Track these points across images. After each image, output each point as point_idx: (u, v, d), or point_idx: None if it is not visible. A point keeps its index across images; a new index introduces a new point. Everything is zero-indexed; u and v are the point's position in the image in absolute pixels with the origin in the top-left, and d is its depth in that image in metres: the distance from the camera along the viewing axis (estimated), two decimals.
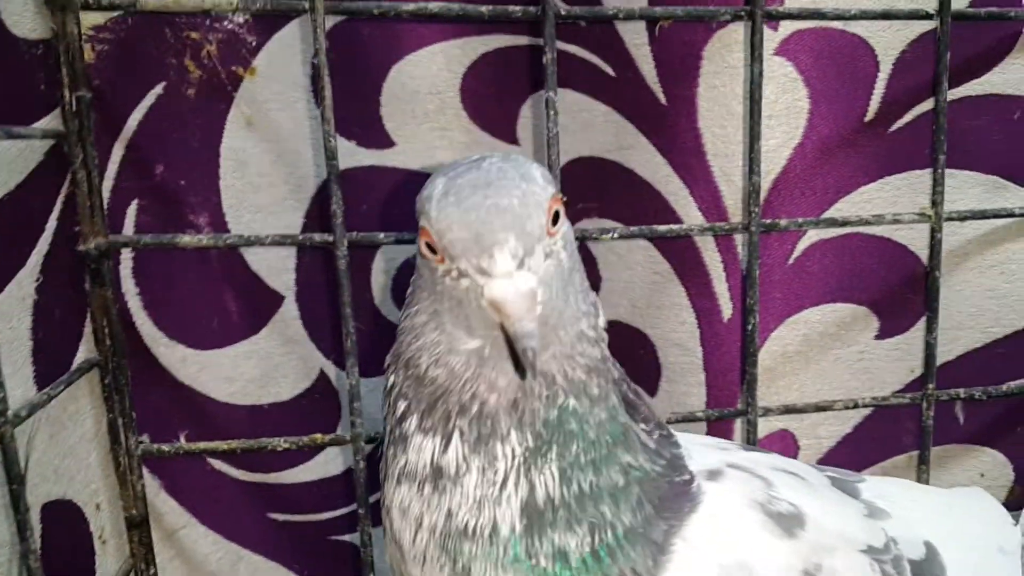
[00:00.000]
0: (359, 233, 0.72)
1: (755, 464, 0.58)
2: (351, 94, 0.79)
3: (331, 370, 0.85)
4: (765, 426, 0.84)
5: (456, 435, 0.47)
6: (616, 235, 0.76)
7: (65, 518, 0.67)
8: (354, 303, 0.73)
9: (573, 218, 0.80)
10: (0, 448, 0.52)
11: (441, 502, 0.47)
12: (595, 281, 0.89)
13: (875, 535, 0.57)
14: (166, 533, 0.78)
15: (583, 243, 0.87)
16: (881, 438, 0.85)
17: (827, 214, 0.80)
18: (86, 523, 0.69)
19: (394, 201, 0.82)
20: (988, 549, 0.63)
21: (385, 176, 0.82)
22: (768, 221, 0.77)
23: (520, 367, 0.44)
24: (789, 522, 0.54)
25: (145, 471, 0.75)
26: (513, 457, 0.46)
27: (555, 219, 0.46)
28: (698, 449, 0.57)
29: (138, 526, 0.72)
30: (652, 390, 0.88)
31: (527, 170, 0.46)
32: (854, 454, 0.85)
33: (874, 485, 0.64)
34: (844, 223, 0.78)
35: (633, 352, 0.89)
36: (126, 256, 0.74)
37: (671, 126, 0.80)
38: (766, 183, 0.80)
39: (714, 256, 0.83)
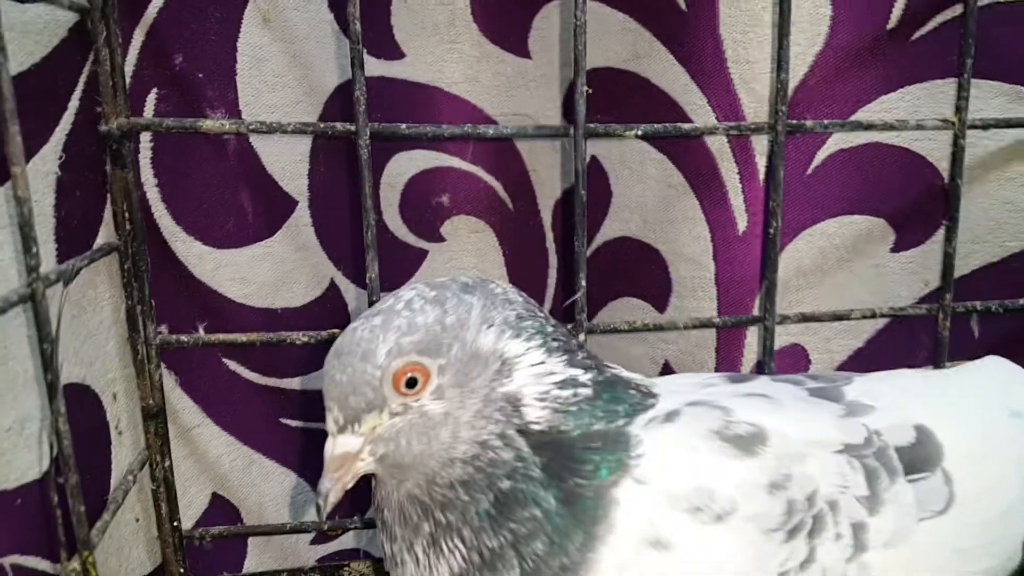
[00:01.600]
0: (381, 124, 0.71)
1: (718, 396, 0.60)
2: (365, 2, 0.79)
3: (342, 281, 0.85)
4: (777, 342, 0.84)
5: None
6: (639, 132, 0.75)
7: (83, 404, 0.66)
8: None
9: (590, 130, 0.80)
10: (32, 307, 0.51)
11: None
12: (606, 197, 0.89)
13: (853, 433, 0.58)
14: (181, 430, 0.78)
15: (595, 160, 0.87)
16: (894, 352, 0.85)
17: None
18: (103, 411, 0.69)
19: (402, 115, 0.80)
20: (996, 415, 0.63)
21: (394, 87, 0.82)
22: (794, 122, 0.77)
23: None
24: (748, 441, 0.56)
25: (162, 367, 0.74)
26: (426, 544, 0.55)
27: (410, 384, 0.53)
28: (671, 395, 0.59)
29: (154, 417, 0.72)
30: (662, 306, 0.88)
31: (370, 348, 0.53)
32: (866, 369, 0.85)
33: (862, 383, 0.65)
34: (868, 127, 0.77)
35: (643, 268, 0.89)
36: (145, 146, 0.73)
37: (691, 34, 0.80)
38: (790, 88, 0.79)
39: (731, 167, 0.82)
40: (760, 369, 0.83)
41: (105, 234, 0.69)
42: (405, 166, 0.85)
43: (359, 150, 0.70)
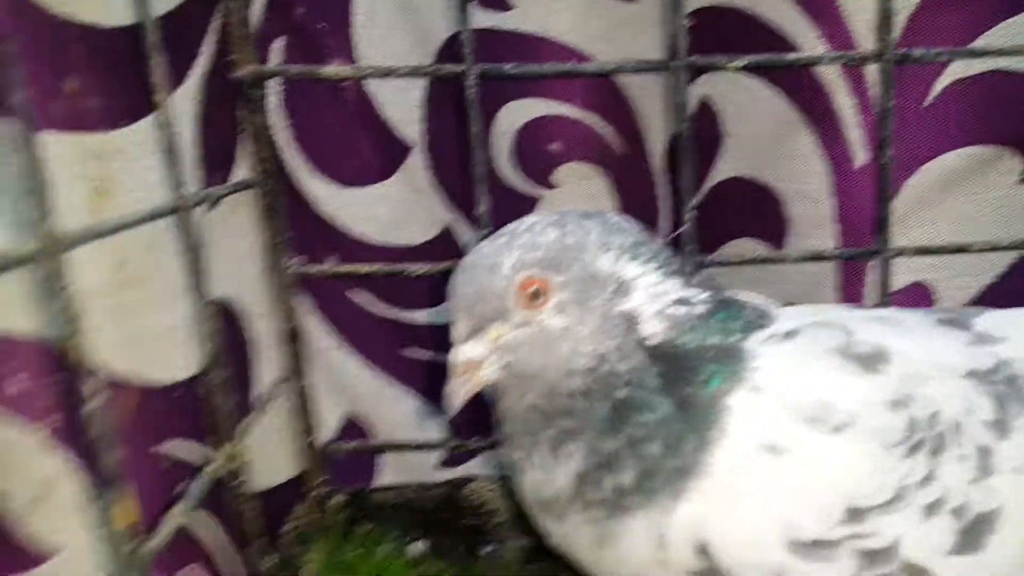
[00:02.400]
0: (487, 64, 0.75)
1: (840, 318, 0.60)
2: None
3: (456, 224, 0.90)
4: (899, 280, 0.82)
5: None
6: (743, 64, 0.75)
7: (229, 319, 0.74)
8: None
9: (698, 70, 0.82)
10: (178, 218, 0.59)
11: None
12: (717, 138, 0.89)
13: (980, 360, 0.57)
14: (317, 352, 0.86)
15: (705, 102, 0.88)
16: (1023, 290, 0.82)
17: None
18: (244, 331, 0.77)
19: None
20: None
21: (502, 38, 0.84)
22: (902, 51, 0.75)
23: None
24: (870, 360, 0.56)
25: (298, 293, 0.82)
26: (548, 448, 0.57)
27: (535, 295, 0.56)
28: (790, 318, 0.60)
29: (292, 340, 0.79)
30: (779, 246, 0.88)
31: (497, 261, 0.57)
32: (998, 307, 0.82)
33: (993, 316, 0.63)
34: (982, 53, 0.75)
35: (758, 208, 0.88)
36: (273, 90, 0.80)
37: None
38: (900, 20, 0.78)
39: (845, 100, 0.81)
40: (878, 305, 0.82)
41: (242, 171, 0.76)
42: (516, 115, 0.88)
43: (467, 90, 0.74)
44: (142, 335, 0.62)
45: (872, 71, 0.79)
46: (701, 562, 0.52)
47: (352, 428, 0.89)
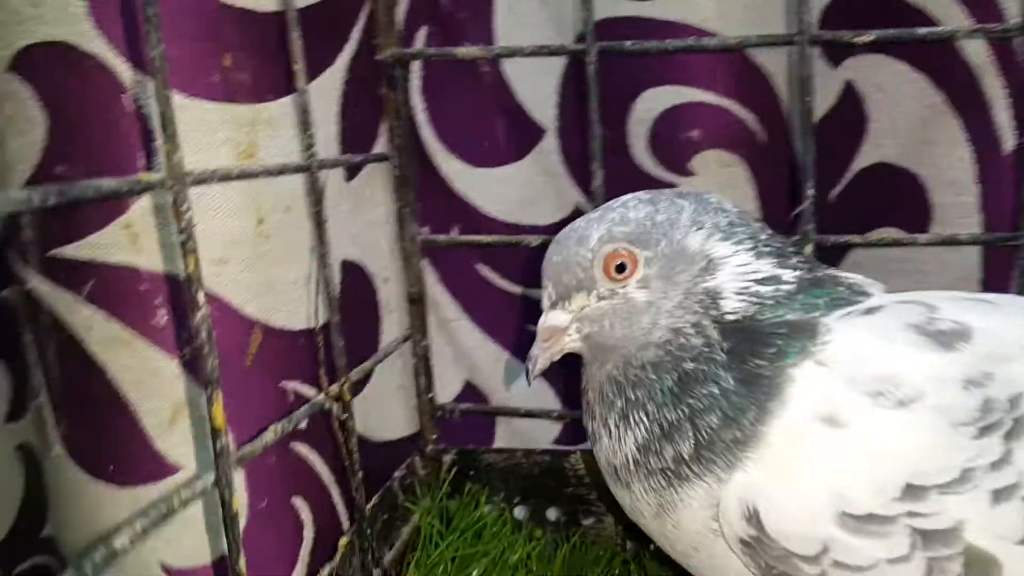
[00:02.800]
0: (607, 43, 0.78)
1: (934, 297, 0.57)
2: None
3: (586, 207, 0.92)
4: None
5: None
6: (871, 38, 0.73)
7: (360, 283, 0.81)
8: (615, 155, 0.81)
9: (842, 54, 0.82)
10: (308, 178, 0.66)
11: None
12: (862, 123, 0.86)
13: None
14: (442, 321, 0.91)
15: (850, 85, 0.85)
16: None
17: None
18: (375, 292, 0.84)
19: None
20: None
21: (645, 26, 0.86)
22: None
23: None
24: (949, 337, 0.53)
25: (427, 264, 0.88)
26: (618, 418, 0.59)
27: (620, 268, 0.58)
28: (887, 296, 0.59)
29: (416, 303, 0.86)
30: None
31: (586, 233, 0.60)
32: None
33: None
34: None
35: (901, 195, 0.85)
36: (416, 75, 0.87)
37: None
38: None
39: (993, 80, 0.77)
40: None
41: (381, 145, 0.83)
42: (654, 102, 0.89)
43: (587, 67, 0.77)
44: (272, 284, 0.70)
45: None
46: (751, 530, 0.51)
47: (470, 395, 0.94)
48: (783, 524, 0.51)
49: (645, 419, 0.57)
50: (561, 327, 0.61)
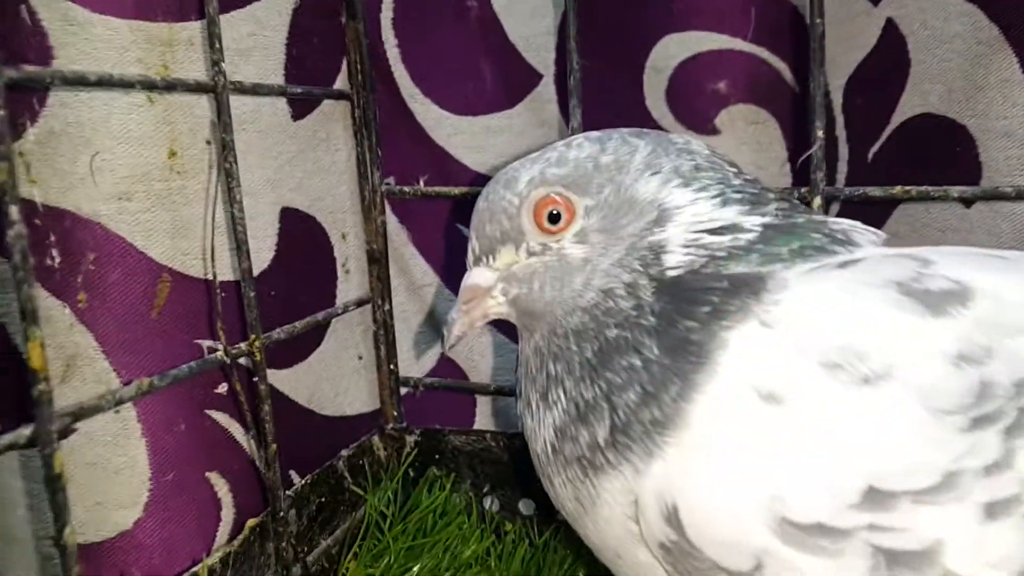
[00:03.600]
0: None
1: (937, 252, 0.46)
2: None
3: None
4: None
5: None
6: None
7: (307, 235, 0.73)
8: (626, 108, 0.74)
9: None
10: (214, 97, 0.58)
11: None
12: (904, 67, 0.74)
13: None
14: (414, 286, 0.83)
15: (891, 23, 0.72)
16: None
17: None
18: (331, 249, 0.75)
19: None
20: None
21: None
22: None
23: None
24: (940, 298, 0.41)
25: (396, 222, 0.79)
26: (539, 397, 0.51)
27: (553, 218, 0.49)
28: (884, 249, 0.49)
29: (376, 262, 0.77)
30: (971, 198, 0.70)
31: (515, 175, 0.52)
32: None
33: None
34: None
35: (947, 150, 0.72)
36: (386, 5, 0.78)
37: None
38: None
39: None
40: None
41: (340, 83, 0.75)
42: (675, 49, 0.79)
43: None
44: (188, 227, 0.62)
45: None
46: (671, 532, 0.41)
47: (450, 368, 0.85)
48: (706, 527, 0.39)
49: (563, 397, 0.48)
50: (485, 287, 0.52)
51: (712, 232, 0.46)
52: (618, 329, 0.46)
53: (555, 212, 0.50)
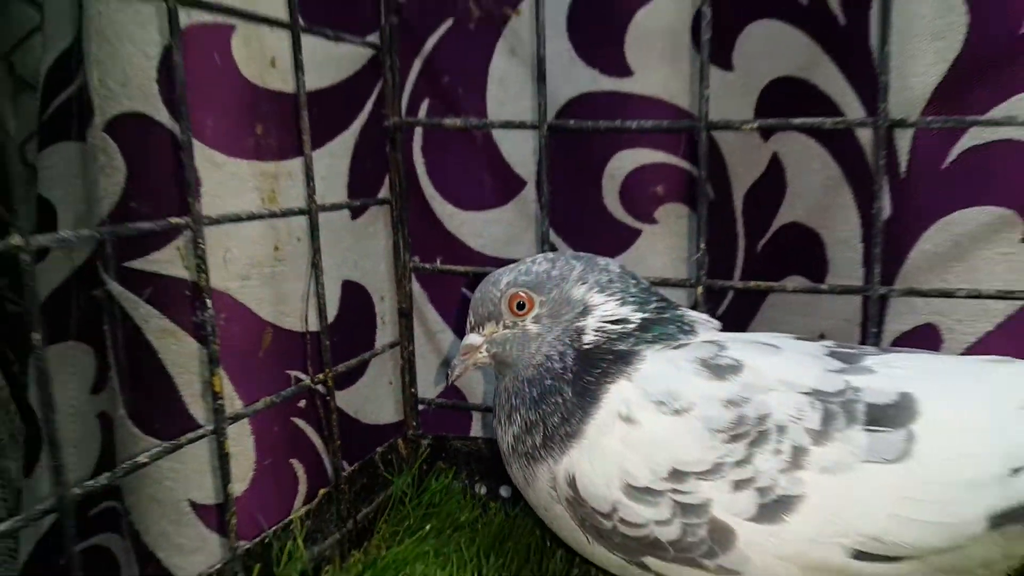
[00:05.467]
0: (554, 121, 0.98)
1: (731, 340, 0.74)
2: (601, 34, 1.05)
3: (560, 244, 1.11)
4: (910, 320, 0.92)
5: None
6: (755, 124, 0.91)
7: (359, 298, 1.04)
8: (588, 204, 1.02)
9: (771, 131, 0.99)
10: (308, 219, 0.89)
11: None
12: (782, 187, 1.03)
13: (830, 384, 0.68)
14: (429, 333, 1.13)
15: (776, 156, 1.02)
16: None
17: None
18: (373, 306, 1.06)
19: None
20: (1002, 404, 0.67)
21: (622, 99, 1.05)
22: (897, 118, 0.86)
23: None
24: (724, 370, 0.69)
25: (418, 287, 1.10)
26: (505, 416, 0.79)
27: (520, 307, 0.78)
28: (707, 337, 0.76)
29: (405, 316, 1.08)
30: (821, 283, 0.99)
31: (499, 278, 0.79)
32: (999, 352, 0.88)
33: (891, 356, 0.72)
34: (972, 123, 0.84)
35: (806, 249, 1.01)
36: (418, 137, 1.09)
37: (847, 44, 0.92)
38: (926, 92, 0.88)
39: (883, 160, 0.93)
40: (875, 340, 0.92)
41: (384, 192, 1.06)
42: (626, 161, 1.07)
43: (540, 139, 0.98)
44: (286, 296, 0.93)
45: (900, 136, 0.91)
46: (571, 492, 0.71)
47: (455, 392, 1.15)
48: (588, 488, 0.70)
49: (519, 418, 0.76)
50: (476, 345, 0.81)
51: (612, 322, 0.76)
52: (552, 380, 0.75)
53: (521, 303, 0.78)
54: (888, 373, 0.69)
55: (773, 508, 0.65)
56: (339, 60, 0.98)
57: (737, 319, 1.08)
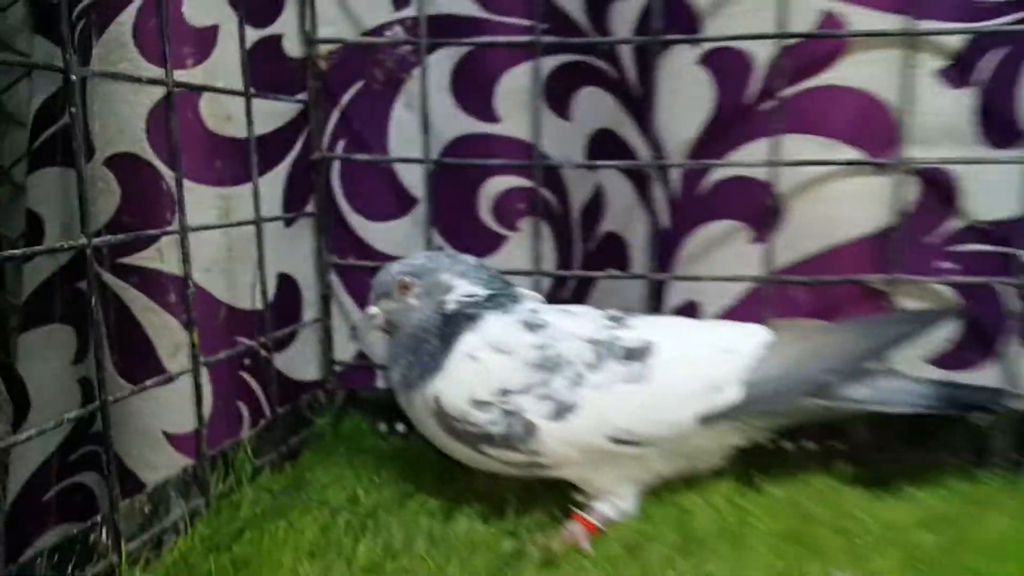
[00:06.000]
0: (437, 158, 1.36)
1: (547, 308, 1.02)
2: (476, 91, 1.40)
3: (444, 246, 1.42)
4: (680, 298, 1.30)
5: None
6: (575, 164, 1.30)
7: (290, 286, 1.38)
8: (468, 216, 1.37)
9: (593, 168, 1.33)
10: (256, 228, 1.24)
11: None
12: (604, 208, 1.40)
13: (603, 334, 0.96)
14: (345, 312, 1.48)
15: (598, 185, 1.40)
16: (753, 310, 1.28)
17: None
18: (301, 293, 1.40)
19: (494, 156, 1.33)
20: (713, 347, 0.97)
21: (492, 140, 1.38)
22: (671, 162, 1.26)
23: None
24: (536, 327, 0.97)
25: (335, 277, 1.45)
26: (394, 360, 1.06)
27: (404, 288, 1.03)
28: (530, 306, 1.04)
29: (325, 299, 1.41)
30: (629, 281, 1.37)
31: (391, 268, 1.05)
32: (736, 319, 1.27)
33: (649, 319, 1.03)
34: (716, 164, 1.24)
35: (618, 251, 1.38)
36: (335, 167, 1.43)
37: (640, 109, 1.30)
38: (690, 142, 1.28)
39: (662, 188, 1.32)
40: (657, 311, 1.29)
41: (311, 207, 1.39)
42: (498, 185, 1.38)
43: (426, 170, 1.35)
44: (236, 284, 1.28)
45: (675, 172, 1.31)
46: (435, 407, 1.02)
47: (363, 355, 1.46)
48: (447, 403, 1.00)
49: (404, 361, 1.07)
50: (373, 314, 1.04)
51: (466, 296, 1.07)
52: (425, 335, 1.04)
53: (405, 285, 1.00)
54: (641, 329, 0.97)
55: (562, 412, 0.92)
56: (277, 112, 1.32)
57: (577, 298, 1.40)
